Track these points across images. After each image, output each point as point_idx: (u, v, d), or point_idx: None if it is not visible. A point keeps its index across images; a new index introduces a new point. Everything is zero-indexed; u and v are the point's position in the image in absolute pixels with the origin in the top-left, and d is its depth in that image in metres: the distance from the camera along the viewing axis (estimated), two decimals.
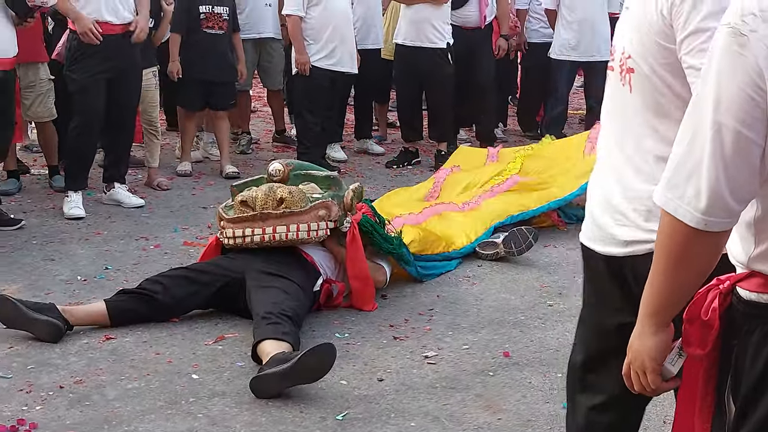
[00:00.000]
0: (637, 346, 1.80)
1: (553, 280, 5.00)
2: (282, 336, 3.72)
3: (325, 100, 7.45)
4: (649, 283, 1.74)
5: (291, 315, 3.92)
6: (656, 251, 1.70)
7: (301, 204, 4.38)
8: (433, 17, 7.57)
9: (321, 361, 3.48)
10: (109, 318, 4.13)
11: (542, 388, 3.63)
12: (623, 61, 2.04)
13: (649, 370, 1.79)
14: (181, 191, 6.87)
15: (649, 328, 1.77)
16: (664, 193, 1.63)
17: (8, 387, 3.53)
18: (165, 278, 4.29)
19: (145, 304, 4.17)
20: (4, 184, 6.52)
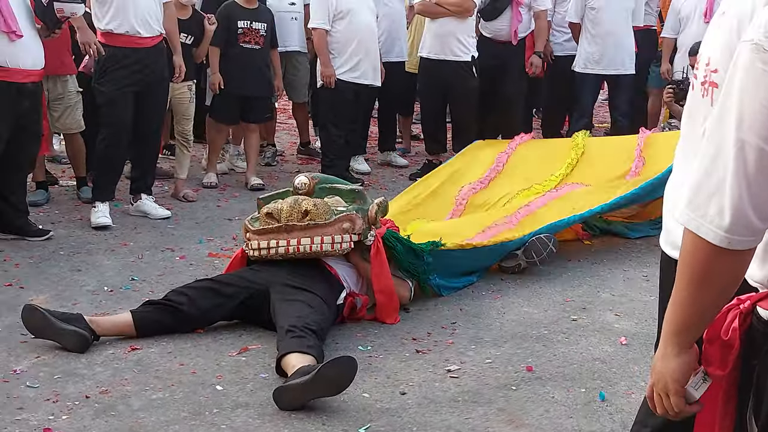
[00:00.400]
0: (660, 368, 1.78)
1: (577, 294, 4.99)
2: (306, 349, 3.74)
3: (349, 112, 7.49)
4: (671, 303, 1.72)
5: (315, 329, 3.95)
6: (679, 270, 1.68)
7: (326, 216, 4.41)
8: (458, 30, 7.60)
9: (341, 374, 3.50)
10: (135, 329, 4.17)
11: (565, 403, 3.63)
12: (707, 74, 1.99)
13: (671, 392, 1.77)
14: (207, 203, 6.93)
15: (672, 349, 1.74)
16: (686, 212, 1.61)
17: (35, 396, 3.57)
18: (190, 290, 4.32)
19: (171, 315, 4.21)
20: (33, 195, 6.59)
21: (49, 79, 6.41)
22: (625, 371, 3.94)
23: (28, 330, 4.06)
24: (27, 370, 3.82)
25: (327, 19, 7.30)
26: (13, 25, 5.33)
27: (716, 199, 1.57)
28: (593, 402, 3.63)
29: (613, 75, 8.02)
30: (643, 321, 4.56)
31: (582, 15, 7.99)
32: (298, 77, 8.15)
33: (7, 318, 4.42)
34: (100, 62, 6.11)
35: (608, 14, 7.90)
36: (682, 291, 1.68)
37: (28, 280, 5.02)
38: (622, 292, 5.02)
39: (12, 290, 4.84)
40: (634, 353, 4.14)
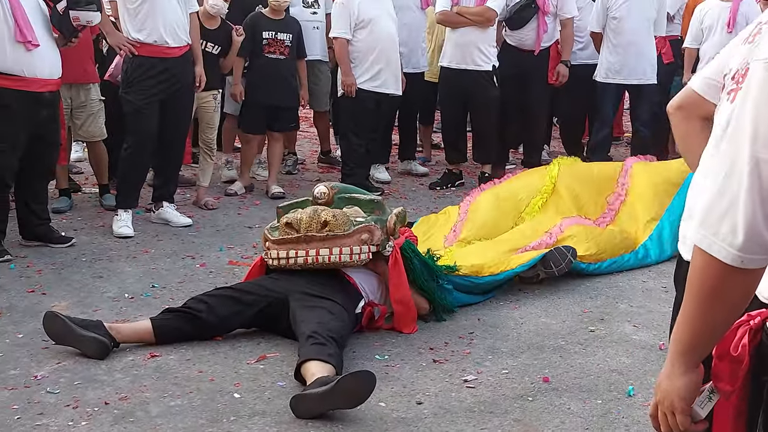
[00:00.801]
0: (665, 386, 1.76)
1: (595, 305, 4.98)
2: (327, 358, 3.76)
3: (370, 122, 7.52)
4: (679, 321, 1.71)
5: (336, 336, 3.97)
6: (688, 288, 1.66)
7: (345, 227, 4.43)
8: (479, 40, 7.61)
9: (360, 388, 3.52)
10: (155, 336, 4.21)
11: (581, 414, 3.63)
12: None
13: (678, 410, 1.75)
14: (228, 211, 6.97)
15: (679, 367, 1.73)
16: (698, 230, 1.60)
17: (55, 402, 3.61)
18: (209, 297, 4.36)
19: (190, 322, 4.25)
20: (57, 202, 6.67)
21: (72, 88, 6.50)
22: (642, 383, 3.93)
23: (49, 336, 4.11)
24: (48, 375, 3.86)
25: (348, 28, 7.34)
26: (29, 35, 5.38)
27: (729, 217, 1.55)
28: (609, 413, 3.63)
29: (634, 84, 8.00)
30: (662, 332, 4.54)
31: (604, 24, 7.98)
32: (320, 86, 8.18)
33: (29, 324, 4.47)
34: (128, 72, 6.17)
35: (630, 24, 7.87)
36: (692, 309, 1.66)
37: (50, 286, 5.07)
38: (640, 303, 5.01)
39: (34, 296, 4.90)
40: (651, 365, 4.13)
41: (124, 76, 6.25)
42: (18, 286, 5.05)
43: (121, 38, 6.15)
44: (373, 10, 7.35)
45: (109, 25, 6.23)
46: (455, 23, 7.63)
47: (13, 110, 5.38)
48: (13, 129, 5.41)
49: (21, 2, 5.40)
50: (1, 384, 3.77)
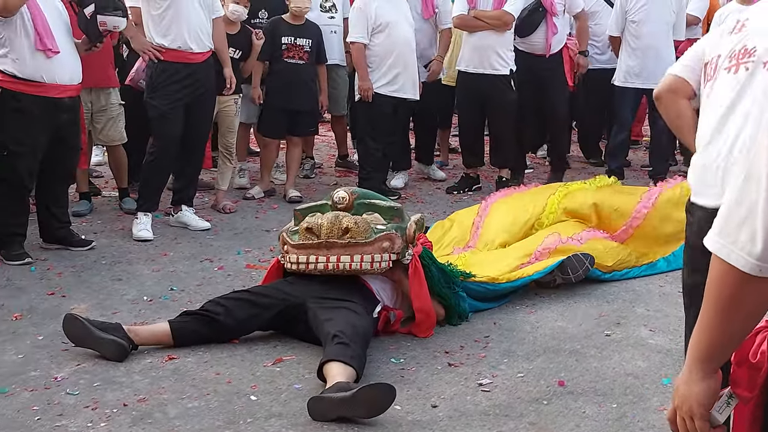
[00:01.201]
0: (683, 391, 1.77)
1: (612, 309, 4.98)
2: (349, 360, 3.78)
3: (387, 126, 7.53)
4: (698, 329, 1.71)
5: (360, 336, 3.99)
6: (706, 296, 1.67)
7: (366, 235, 4.43)
8: (497, 44, 7.62)
9: (378, 400, 3.53)
10: (173, 338, 4.25)
11: (597, 418, 3.63)
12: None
13: (697, 416, 1.76)
14: (246, 214, 7.01)
15: (698, 374, 1.74)
16: (717, 239, 1.61)
17: (75, 403, 3.66)
18: (227, 300, 4.39)
19: (207, 325, 4.28)
20: (77, 205, 6.73)
21: (93, 92, 6.56)
22: (658, 387, 3.93)
23: (69, 339, 4.16)
24: (67, 377, 3.91)
25: (366, 33, 7.37)
26: (49, 42, 5.44)
27: (748, 226, 1.55)
28: (625, 417, 3.63)
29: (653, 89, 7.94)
30: (678, 337, 4.53)
31: (622, 28, 7.97)
32: (338, 90, 8.21)
33: (50, 326, 4.52)
34: (152, 77, 6.23)
35: (649, 27, 7.85)
36: (710, 317, 1.67)
37: (70, 288, 5.13)
38: (657, 308, 5.00)
39: (54, 299, 4.95)
40: (667, 369, 4.13)
41: (148, 81, 6.30)
42: (38, 289, 5.10)
43: (145, 43, 6.20)
44: (391, 15, 7.37)
45: (133, 30, 6.29)
46: (472, 27, 7.63)
47: (33, 115, 5.45)
48: (32, 133, 5.48)
49: (42, 9, 5.46)
50: (22, 385, 3.82)
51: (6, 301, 4.88)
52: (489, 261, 5.39)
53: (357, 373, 3.79)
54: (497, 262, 5.33)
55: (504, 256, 5.45)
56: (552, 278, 5.24)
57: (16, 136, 5.44)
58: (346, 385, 3.61)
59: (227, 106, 7.01)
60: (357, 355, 3.86)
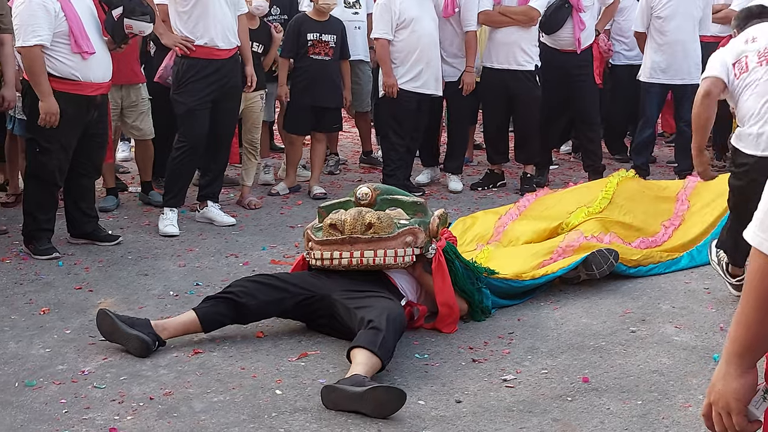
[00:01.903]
0: (720, 387, 1.77)
1: (637, 305, 4.96)
2: (377, 350, 3.80)
3: (410, 122, 7.53)
4: (736, 323, 1.71)
5: (393, 325, 3.97)
6: (746, 290, 1.68)
7: (389, 230, 4.44)
8: (522, 40, 7.60)
9: (387, 402, 3.55)
10: (201, 325, 4.26)
11: (621, 415, 3.62)
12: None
13: (734, 411, 1.76)
14: (270, 210, 7.05)
15: (736, 369, 1.74)
16: (757, 233, 1.62)
17: (101, 397, 3.69)
18: (250, 282, 4.41)
19: (231, 307, 4.29)
20: (104, 201, 6.79)
21: (123, 88, 6.64)
22: (683, 384, 3.92)
23: (101, 333, 4.19)
24: (94, 371, 3.95)
25: (390, 29, 7.36)
26: (85, 45, 5.51)
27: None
28: (649, 414, 3.62)
29: (679, 84, 7.92)
30: (704, 334, 4.52)
31: (648, 24, 7.92)
32: (361, 86, 8.22)
33: (77, 320, 4.57)
34: (179, 73, 6.28)
35: (675, 23, 7.80)
36: (749, 312, 1.67)
37: (97, 283, 5.17)
38: (683, 305, 4.98)
39: (81, 293, 5.00)
40: (692, 366, 4.11)
41: (175, 78, 6.35)
42: (66, 283, 5.16)
43: (176, 37, 6.25)
44: (414, 10, 7.36)
45: (162, 27, 6.35)
46: (498, 23, 7.62)
47: (67, 113, 5.51)
48: (65, 131, 5.54)
49: (77, 11, 5.53)
50: (50, 379, 3.86)
51: (34, 295, 4.94)
52: (512, 256, 5.39)
53: (382, 363, 3.81)
54: (520, 258, 5.33)
55: (527, 252, 5.45)
56: (576, 274, 5.22)
57: (49, 133, 5.50)
58: (362, 380, 3.62)
59: (253, 103, 7.04)
60: (386, 345, 3.87)
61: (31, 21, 5.35)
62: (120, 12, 5.70)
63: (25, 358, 4.08)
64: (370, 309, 4.07)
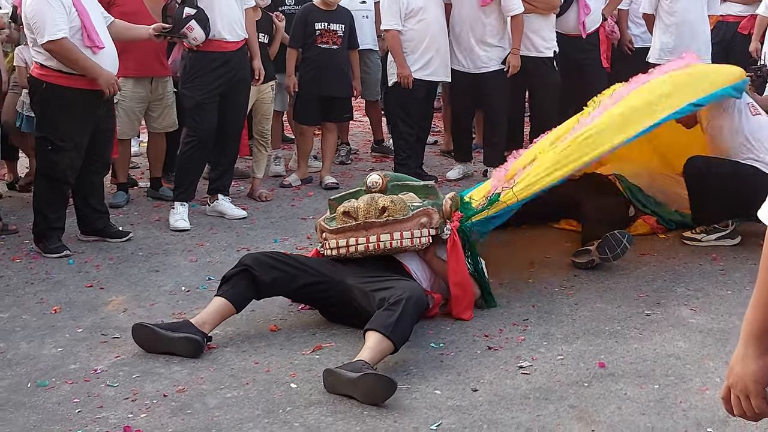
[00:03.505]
0: (739, 370, 1.76)
1: (652, 289, 4.92)
2: (389, 333, 3.80)
3: (418, 111, 7.50)
4: (753, 305, 1.71)
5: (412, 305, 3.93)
6: (761, 271, 1.67)
7: (403, 212, 4.42)
8: (542, 27, 7.62)
9: (377, 391, 3.55)
10: (234, 308, 4.24)
11: (638, 400, 3.59)
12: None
13: (753, 394, 1.75)
14: (281, 202, 7.02)
15: (754, 350, 1.73)
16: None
17: (114, 395, 3.68)
18: (264, 256, 4.38)
19: (250, 281, 4.26)
20: (114, 197, 6.79)
21: (153, 81, 6.68)
22: (700, 367, 3.88)
23: (141, 347, 4.11)
24: (107, 369, 3.93)
25: (399, 19, 7.30)
26: (96, 39, 5.51)
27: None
28: (666, 399, 3.58)
29: None
30: (720, 316, 4.48)
31: (656, 6, 7.85)
32: (371, 75, 8.20)
33: (88, 318, 4.56)
34: (187, 67, 6.26)
35: (682, 3, 7.72)
36: (765, 293, 1.66)
37: (108, 281, 5.16)
38: (698, 287, 4.93)
39: (92, 291, 4.99)
40: (709, 349, 4.07)
41: (183, 72, 6.34)
42: (77, 281, 5.14)
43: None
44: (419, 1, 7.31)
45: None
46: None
47: (79, 109, 5.52)
48: (76, 128, 5.54)
49: (86, 6, 5.52)
50: (62, 378, 3.84)
51: (45, 294, 4.93)
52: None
53: (395, 346, 3.82)
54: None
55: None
56: (590, 259, 5.19)
57: (61, 131, 5.50)
58: (360, 366, 3.62)
59: (265, 94, 7.02)
60: (401, 326, 3.85)
61: (50, 16, 5.34)
62: (191, 13, 5.73)
63: (37, 358, 4.07)
64: (390, 290, 4.05)
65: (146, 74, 6.54)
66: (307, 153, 7.74)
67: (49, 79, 5.49)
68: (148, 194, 7.11)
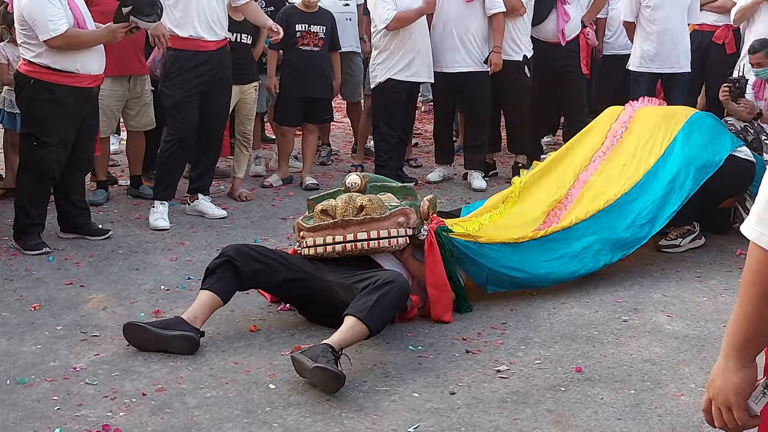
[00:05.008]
0: (720, 382, 1.77)
1: (629, 294, 4.97)
2: (364, 317, 3.86)
3: (401, 112, 7.53)
4: (735, 317, 1.72)
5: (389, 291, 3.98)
6: (743, 285, 1.68)
7: (381, 210, 4.45)
8: (511, 30, 7.60)
9: (325, 382, 3.64)
10: (221, 300, 4.27)
11: (614, 404, 3.63)
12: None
13: (735, 406, 1.76)
14: (262, 202, 7.03)
15: (735, 363, 1.74)
16: (755, 227, 1.62)
17: (94, 393, 3.68)
18: (246, 248, 4.40)
19: (234, 273, 4.27)
20: (93, 194, 6.77)
21: (131, 79, 6.66)
22: (675, 373, 3.93)
23: (134, 346, 4.10)
24: (86, 367, 3.93)
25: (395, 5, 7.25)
26: None
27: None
28: (642, 404, 3.63)
29: (668, 73, 7.92)
30: (695, 322, 4.54)
31: (637, 13, 7.91)
32: (353, 77, 8.21)
33: (68, 316, 4.55)
34: (166, 65, 6.26)
35: (663, 12, 7.78)
36: (747, 306, 1.68)
37: (88, 279, 5.15)
38: (674, 293, 4.99)
39: (72, 289, 4.98)
40: (684, 355, 4.12)
41: (162, 70, 6.34)
42: (56, 279, 5.13)
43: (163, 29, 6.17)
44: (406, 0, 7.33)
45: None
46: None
47: (67, 106, 5.51)
48: (63, 124, 5.54)
49: (78, 6, 5.55)
50: (41, 375, 3.84)
51: (24, 291, 4.91)
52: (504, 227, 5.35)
53: (369, 331, 3.89)
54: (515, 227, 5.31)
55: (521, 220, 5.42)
56: None
57: (47, 127, 5.50)
58: (319, 353, 3.69)
59: (248, 94, 7.02)
60: (377, 311, 3.91)
61: (51, 12, 5.35)
62: (129, 9, 5.71)
63: (17, 356, 4.06)
64: (372, 278, 4.10)
65: (124, 73, 6.49)
66: (288, 153, 7.75)
67: (37, 75, 5.47)
68: (128, 192, 7.10)
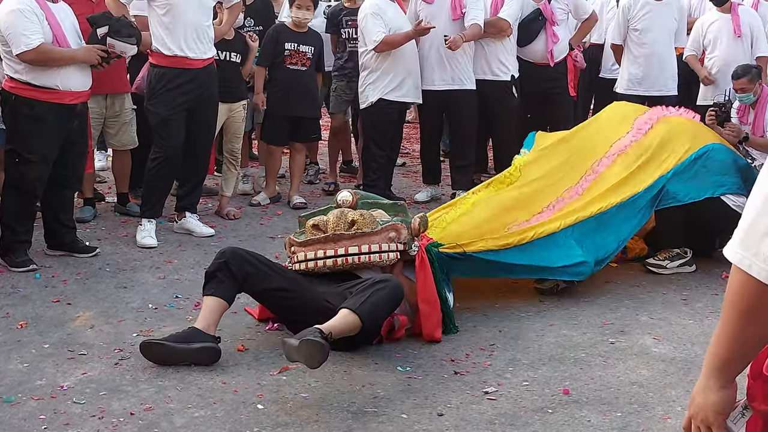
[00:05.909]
0: (700, 401, 1.79)
1: (616, 316, 4.99)
2: (356, 308, 3.96)
3: (390, 132, 7.56)
4: (716, 338, 1.73)
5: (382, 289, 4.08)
6: (725, 306, 1.70)
7: (372, 225, 4.49)
8: (498, 50, 7.66)
9: (311, 354, 3.70)
10: (227, 304, 4.31)
11: (601, 427, 3.64)
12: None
13: (714, 425, 1.78)
14: (250, 220, 7.03)
15: (716, 382, 1.76)
16: (738, 250, 1.63)
17: (81, 413, 3.66)
18: (245, 253, 4.43)
19: (230, 276, 4.30)
20: (81, 211, 6.75)
21: (108, 98, 6.63)
22: (662, 396, 3.94)
23: (155, 362, 4.12)
24: (74, 386, 3.92)
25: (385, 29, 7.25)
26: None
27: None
28: (629, 426, 3.64)
29: (655, 96, 7.98)
30: (682, 345, 4.56)
31: (625, 37, 7.99)
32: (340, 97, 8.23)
33: (55, 334, 4.53)
34: (152, 83, 6.26)
35: (652, 35, 7.88)
36: (728, 326, 1.69)
37: (75, 296, 5.13)
38: (661, 316, 5.01)
39: (60, 306, 4.96)
40: (671, 378, 4.14)
41: (148, 88, 6.33)
42: (43, 296, 5.11)
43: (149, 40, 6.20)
44: (398, 21, 7.37)
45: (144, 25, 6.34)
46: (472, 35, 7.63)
47: (48, 123, 5.51)
48: (45, 141, 5.53)
49: (58, 19, 5.54)
50: (28, 394, 3.82)
51: (11, 309, 4.89)
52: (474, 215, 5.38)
53: (362, 321, 3.95)
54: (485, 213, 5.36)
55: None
56: (554, 284, 5.25)
57: (29, 143, 5.50)
58: (307, 332, 3.77)
59: (237, 112, 7.04)
60: (369, 304, 3.99)
61: (26, 26, 5.37)
62: (104, 31, 5.70)
63: (3, 374, 4.04)
64: (365, 281, 4.18)
65: (101, 91, 6.42)
66: (276, 172, 7.77)
67: (18, 91, 5.50)
68: (116, 210, 7.08)
